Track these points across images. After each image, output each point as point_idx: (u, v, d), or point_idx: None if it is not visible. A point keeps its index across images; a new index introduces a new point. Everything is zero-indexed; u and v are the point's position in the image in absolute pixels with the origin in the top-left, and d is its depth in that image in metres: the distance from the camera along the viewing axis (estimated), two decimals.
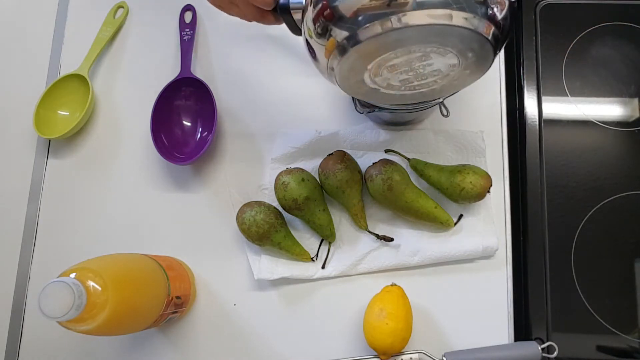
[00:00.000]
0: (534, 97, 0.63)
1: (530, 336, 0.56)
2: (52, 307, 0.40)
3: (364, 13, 0.35)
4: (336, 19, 0.37)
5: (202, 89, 0.63)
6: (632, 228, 0.59)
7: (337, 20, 0.37)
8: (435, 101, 0.51)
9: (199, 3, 0.68)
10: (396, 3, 0.34)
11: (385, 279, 0.58)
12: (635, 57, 0.63)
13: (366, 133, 0.62)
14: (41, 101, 0.66)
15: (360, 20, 0.36)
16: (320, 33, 0.39)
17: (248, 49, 0.67)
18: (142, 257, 0.52)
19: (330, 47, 0.39)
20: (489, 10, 0.36)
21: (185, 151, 0.64)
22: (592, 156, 0.61)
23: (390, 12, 0.35)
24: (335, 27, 0.37)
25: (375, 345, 0.53)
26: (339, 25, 0.37)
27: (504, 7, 0.37)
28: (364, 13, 0.35)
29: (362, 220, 0.58)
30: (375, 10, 0.35)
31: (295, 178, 0.56)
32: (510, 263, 0.59)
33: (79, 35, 0.69)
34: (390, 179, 0.55)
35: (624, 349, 0.56)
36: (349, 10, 0.36)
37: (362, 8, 0.35)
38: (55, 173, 0.65)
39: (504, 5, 0.37)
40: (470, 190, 0.55)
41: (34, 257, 0.63)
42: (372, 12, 0.35)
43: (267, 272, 0.58)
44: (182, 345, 0.59)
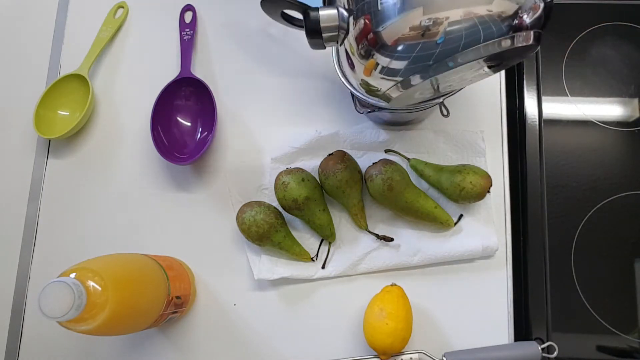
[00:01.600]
0: (534, 97, 0.63)
1: (530, 336, 0.56)
2: (52, 307, 0.40)
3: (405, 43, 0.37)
4: (383, 46, 0.38)
5: (202, 89, 0.63)
6: (632, 228, 0.59)
7: (380, 47, 0.38)
8: (435, 101, 0.51)
9: (199, 3, 0.68)
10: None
11: (385, 279, 0.58)
12: (635, 57, 0.63)
13: (366, 133, 0.62)
14: (41, 101, 0.65)
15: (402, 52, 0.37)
16: (363, 55, 0.40)
17: (248, 49, 0.67)
18: (142, 257, 0.52)
19: (369, 66, 0.40)
20: (524, 20, 0.36)
21: (185, 151, 0.64)
22: (592, 156, 0.61)
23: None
24: (379, 54, 0.38)
25: (375, 345, 0.53)
26: (382, 52, 0.38)
27: (538, 10, 0.37)
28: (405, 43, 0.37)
29: (362, 220, 0.58)
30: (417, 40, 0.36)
31: (295, 178, 0.56)
32: (510, 263, 0.58)
33: (79, 35, 0.69)
34: (390, 179, 0.55)
35: (624, 349, 0.56)
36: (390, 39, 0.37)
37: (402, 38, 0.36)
38: (55, 173, 0.65)
39: (537, 9, 0.37)
40: (470, 190, 0.55)
41: (34, 257, 0.63)
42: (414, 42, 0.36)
43: (267, 272, 0.58)
44: (182, 345, 0.59)
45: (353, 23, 0.39)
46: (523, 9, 0.36)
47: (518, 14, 0.36)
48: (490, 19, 0.35)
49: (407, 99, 0.45)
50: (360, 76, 0.43)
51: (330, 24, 0.41)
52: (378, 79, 0.41)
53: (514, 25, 0.36)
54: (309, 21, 0.41)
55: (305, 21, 0.41)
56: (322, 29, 0.41)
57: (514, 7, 0.36)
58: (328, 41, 0.42)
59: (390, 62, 0.38)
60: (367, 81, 0.43)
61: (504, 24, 0.36)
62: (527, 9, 0.36)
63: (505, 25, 0.36)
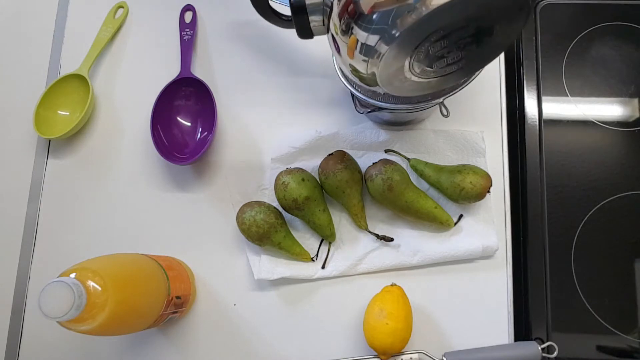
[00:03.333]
0: (534, 97, 0.63)
1: (530, 336, 0.56)
2: (52, 307, 0.40)
3: (384, 9, 0.36)
4: (360, 16, 0.37)
5: (202, 89, 0.63)
6: (632, 228, 0.59)
7: (360, 18, 0.37)
8: (435, 101, 0.51)
9: (199, 3, 0.68)
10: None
11: (385, 279, 0.58)
12: (635, 57, 0.63)
13: (366, 133, 0.62)
14: (41, 101, 0.66)
15: (387, 18, 0.36)
16: (345, 30, 0.39)
17: (248, 49, 0.67)
18: (142, 257, 0.52)
19: (351, 44, 0.39)
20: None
21: (185, 151, 0.64)
22: (592, 156, 0.61)
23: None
24: (362, 24, 0.38)
25: (375, 345, 0.53)
26: (365, 22, 0.37)
27: None
28: (384, 9, 0.36)
29: (362, 220, 0.58)
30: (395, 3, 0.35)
31: (295, 178, 0.56)
32: (510, 263, 0.58)
33: (79, 35, 0.69)
34: (390, 179, 0.55)
35: (624, 349, 0.56)
36: (367, 6, 0.36)
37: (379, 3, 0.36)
38: (55, 173, 0.65)
39: None
40: (470, 190, 0.55)
41: (34, 257, 0.63)
42: (392, 6, 0.35)
43: (267, 272, 0.58)
44: (182, 345, 0.59)
45: (336, 3, 0.39)
46: None
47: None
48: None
49: (398, 82, 0.44)
50: (347, 60, 0.42)
51: (315, 0, 0.41)
52: (360, 60, 0.41)
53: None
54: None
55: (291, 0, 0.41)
56: (308, 6, 0.41)
57: None
58: (315, 22, 0.42)
59: (368, 36, 0.38)
60: (354, 65, 0.42)
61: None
62: None
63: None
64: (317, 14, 0.42)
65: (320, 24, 0.42)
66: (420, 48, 0.39)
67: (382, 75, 0.41)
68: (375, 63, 0.40)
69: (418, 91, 0.47)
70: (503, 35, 0.42)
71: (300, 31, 0.44)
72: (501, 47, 0.43)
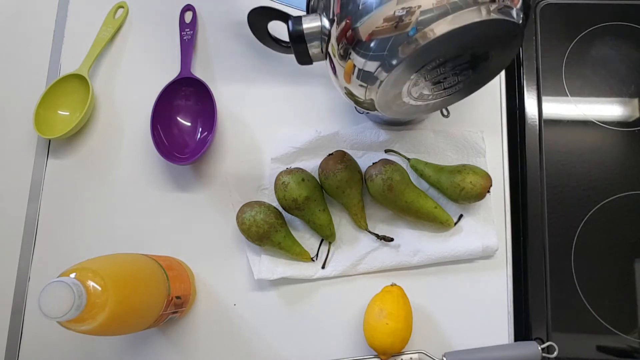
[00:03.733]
0: (534, 97, 0.63)
1: (530, 336, 0.56)
2: (52, 307, 0.40)
3: (382, 37, 0.37)
4: (358, 43, 0.38)
5: (202, 89, 0.63)
6: (632, 228, 0.59)
7: (358, 44, 0.38)
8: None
9: (199, 3, 0.68)
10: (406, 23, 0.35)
11: (385, 279, 0.58)
12: (635, 57, 0.63)
13: (366, 133, 0.62)
14: (41, 101, 0.65)
15: (384, 46, 0.37)
16: (342, 55, 0.40)
17: (248, 49, 0.67)
18: (142, 257, 0.52)
19: (348, 69, 0.41)
20: (505, 3, 0.36)
21: (185, 151, 0.64)
22: (592, 156, 0.61)
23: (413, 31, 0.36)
24: (359, 51, 0.39)
25: (375, 345, 0.53)
26: (363, 49, 0.38)
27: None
28: (382, 37, 0.37)
29: (362, 220, 0.58)
30: (392, 33, 0.36)
31: (295, 178, 0.56)
32: (510, 263, 0.58)
33: (79, 35, 0.69)
34: (390, 179, 0.55)
35: (624, 349, 0.56)
36: (365, 34, 0.37)
37: (379, 30, 0.37)
38: (55, 173, 0.65)
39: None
40: (470, 190, 0.55)
41: (34, 257, 0.63)
42: (390, 35, 0.37)
43: (267, 272, 0.58)
44: (182, 345, 0.59)
45: (336, 27, 0.40)
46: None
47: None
48: (465, 4, 0.35)
49: (396, 107, 0.45)
50: (343, 84, 0.43)
51: (313, 30, 0.42)
52: (357, 86, 0.42)
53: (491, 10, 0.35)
54: (293, 29, 0.42)
55: (289, 29, 0.42)
56: (306, 36, 0.42)
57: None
58: (314, 52, 0.43)
59: (365, 63, 0.39)
60: (349, 89, 0.43)
61: (476, 3, 0.35)
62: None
63: (475, 3, 0.35)
64: (316, 41, 0.42)
65: (319, 51, 0.43)
66: (418, 75, 0.40)
67: (381, 101, 0.43)
68: (373, 90, 0.41)
69: (417, 114, 0.48)
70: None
71: (300, 58, 0.45)
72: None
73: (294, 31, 0.42)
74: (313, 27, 0.42)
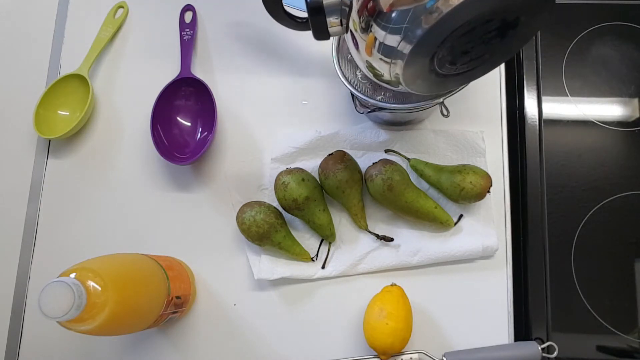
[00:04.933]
0: (534, 97, 0.63)
1: (530, 336, 0.56)
2: (52, 307, 0.40)
3: (405, 7, 0.35)
4: (380, 14, 0.37)
5: (202, 89, 0.63)
6: (632, 228, 0.59)
7: (380, 16, 0.37)
8: (436, 101, 0.51)
9: (199, 3, 0.68)
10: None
11: (385, 279, 0.58)
12: (635, 57, 0.63)
13: (366, 133, 0.62)
14: (41, 101, 0.65)
15: (408, 16, 0.36)
16: (364, 28, 0.38)
17: (248, 49, 0.67)
18: (142, 257, 0.52)
19: (369, 42, 0.39)
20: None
21: (185, 151, 0.64)
22: (592, 156, 0.61)
23: None
24: (381, 23, 0.37)
25: (375, 345, 0.53)
26: (385, 21, 0.37)
27: None
28: (405, 7, 0.35)
29: (362, 220, 0.58)
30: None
31: (295, 178, 0.56)
32: (510, 263, 0.58)
33: (79, 35, 0.69)
34: (390, 179, 0.55)
35: (624, 349, 0.56)
36: (387, 4, 0.36)
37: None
38: (55, 173, 0.65)
39: None
40: (470, 190, 0.55)
41: (34, 257, 0.63)
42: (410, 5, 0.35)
43: (267, 272, 0.58)
44: (182, 345, 0.59)
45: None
46: None
47: None
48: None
49: (424, 83, 0.43)
50: (365, 57, 0.41)
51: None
52: (378, 59, 0.40)
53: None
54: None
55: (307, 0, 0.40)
56: (325, 6, 0.40)
57: None
58: (333, 26, 0.41)
59: (386, 35, 0.37)
60: (371, 63, 0.41)
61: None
62: None
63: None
64: (335, 14, 0.40)
65: (337, 24, 0.41)
66: (444, 45, 0.38)
67: (406, 75, 0.40)
68: (398, 63, 0.39)
69: (442, 89, 0.46)
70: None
71: (317, 33, 0.42)
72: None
73: (312, 2, 0.40)
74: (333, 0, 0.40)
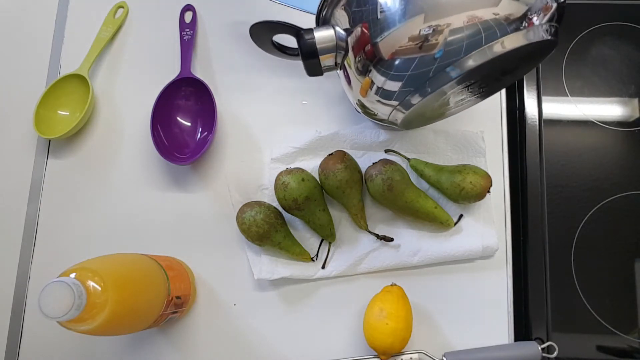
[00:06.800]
0: (534, 97, 0.63)
1: (530, 336, 0.56)
2: (52, 307, 0.40)
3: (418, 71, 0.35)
4: (380, 61, 0.36)
5: (202, 89, 0.63)
6: (632, 228, 0.59)
7: (377, 61, 0.36)
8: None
9: (199, 3, 0.68)
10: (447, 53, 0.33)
11: (385, 279, 0.58)
12: (635, 57, 0.63)
13: (366, 133, 0.62)
14: (41, 101, 0.65)
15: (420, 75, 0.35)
16: (360, 70, 0.37)
17: (248, 49, 0.67)
18: (142, 257, 0.52)
19: (365, 85, 0.39)
20: (534, 23, 0.33)
21: (185, 151, 0.64)
22: (592, 156, 0.61)
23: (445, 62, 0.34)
24: (381, 69, 0.36)
25: (375, 345, 0.53)
26: (385, 68, 0.36)
27: (550, 10, 0.34)
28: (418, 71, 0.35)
29: (362, 220, 0.58)
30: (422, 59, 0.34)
31: (295, 178, 0.56)
32: (510, 263, 0.58)
33: (79, 35, 0.69)
34: (390, 179, 0.55)
35: (624, 349, 0.56)
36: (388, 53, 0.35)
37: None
38: (55, 173, 0.65)
39: (549, 9, 0.34)
40: (470, 190, 0.55)
41: (34, 257, 0.63)
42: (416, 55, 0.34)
43: (267, 272, 0.58)
44: (182, 345, 0.59)
45: (351, 41, 0.37)
46: (533, 9, 0.33)
47: (527, 15, 0.32)
48: (496, 23, 0.32)
49: (417, 121, 0.43)
50: (357, 96, 0.40)
51: (327, 44, 0.38)
52: (374, 101, 0.39)
53: (521, 29, 0.33)
54: (304, 44, 0.38)
55: (300, 44, 0.38)
56: (319, 50, 0.38)
57: (523, 9, 0.32)
58: (326, 64, 0.39)
59: (386, 81, 0.36)
60: (362, 102, 0.40)
61: (511, 27, 0.32)
62: (537, 10, 0.33)
63: (511, 28, 0.32)
64: (329, 56, 0.39)
65: (332, 65, 0.40)
66: (443, 92, 0.38)
67: (404, 118, 0.40)
68: (397, 107, 0.38)
69: (437, 120, 0.46)
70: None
71: (310, 71, 0.41)
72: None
73: (305, 46, 0.38)
74: (327, 41, 0.38)
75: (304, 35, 0.38)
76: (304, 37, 0.38)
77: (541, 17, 0.34)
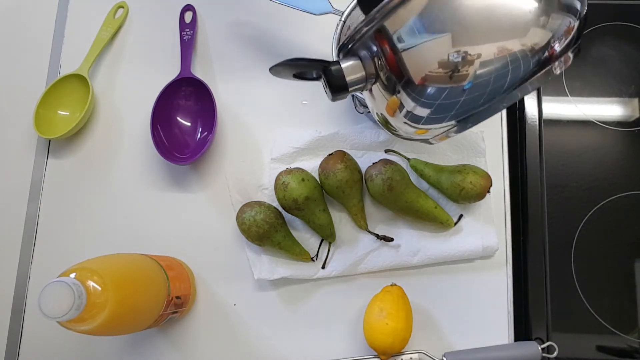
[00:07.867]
0: (534, 97, 0.63)
1: (530, 336, 0.56)
2: (52, 307, 0.40)
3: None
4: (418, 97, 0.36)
5: (202, 89, 0.63)
6: (632, 228, 0.59)
7: (406, 83, 0.35)
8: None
9: (199, 3, 0.68)
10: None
11: (385, 279, 0.58)
12: (635, 57, 0.63)
13: (366, 133, 0.62)
14: (41, 101, 0.65)
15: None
16: (386, 86, 0.37)
17: (248, 48, 0.67)
18: (142, 257, 0.52)
19: (393, 105, 0.39)
20: (556, 50, 0.34)
21: (185, 151, 0.64)
22: (592, 156, 0.61)
23: None
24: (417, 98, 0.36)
25: (375, 345, 0.53)
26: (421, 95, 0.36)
27: (572, 32, 0.35)
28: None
29: (362, 220, 0.58)
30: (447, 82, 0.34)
31: (295, 178, 0.56)
32: (510, 263, 0.58)
33: (79, 35, 0.69)
34: (390, 179, 0.55)
35: (624, 349, 0.56)
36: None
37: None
38: (55, 173, 0.65)
39: (571, 31, 0.34)
40: (470, 190, 0.55)
41: (34, 257, 0.63)
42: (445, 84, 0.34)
43: (267, 272, 0.58)
44: (182, 345, 0.59)
45: (379, 63, 0.36)
46: (556, 36, 0.33)
47: (550, 44, 0.33)
48: (522, 55, 0.33)
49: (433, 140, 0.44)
50: (381, 110, 0.40)
51: (357, 75, 0.37)
52: (401, 122, 0.38)
53: (543, 59, 0.33)
54: (332, 78, 0.37)
55: (329, 79, 0.37)
56: (349, 83, 0.37)
57: (547, 36, 0.33)
58: (355, 91, 0.39)
59: (416, 107, 0.36)
60: (386, 118, 0.40)
61: (534, 59, 0.33)
62: (559, 36, 0.34)
63: (534, 60, 0.33)
64: (359, 85, 0.38)
65: (359, 90, 0.39)
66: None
67: (432, 139, 0.41)
68: (423, 129, 0.39)
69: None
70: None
71: (335, 98, 0.40)
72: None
73: (336, 83, 0.37)
74: (356, 76, 0.37)
75: (331, 69, 0.37)
76: (332, 72, 0.37)
77: (562, 41, 0.34)
